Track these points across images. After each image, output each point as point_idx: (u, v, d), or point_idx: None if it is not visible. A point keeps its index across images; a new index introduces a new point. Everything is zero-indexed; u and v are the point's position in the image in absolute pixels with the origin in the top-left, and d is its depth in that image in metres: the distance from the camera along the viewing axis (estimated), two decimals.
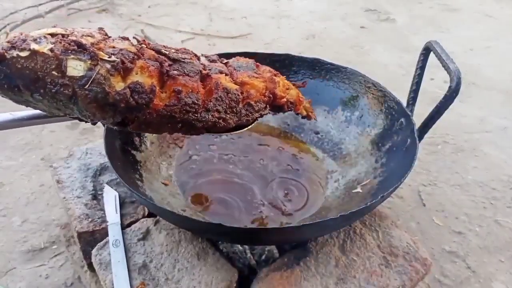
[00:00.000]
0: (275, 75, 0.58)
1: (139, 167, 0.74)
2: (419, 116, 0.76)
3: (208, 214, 0.71)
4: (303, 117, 0.65)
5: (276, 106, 0.58)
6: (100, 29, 0.47)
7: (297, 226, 0.59)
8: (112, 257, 0.64)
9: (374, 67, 1.60)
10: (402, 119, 0.80)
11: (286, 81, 0.60)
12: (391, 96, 0.83)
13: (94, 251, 0.66)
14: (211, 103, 0.48)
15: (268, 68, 0.59)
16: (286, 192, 0.78)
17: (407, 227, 0.96)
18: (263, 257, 0.77)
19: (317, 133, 0.90)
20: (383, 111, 0.84)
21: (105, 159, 0.80)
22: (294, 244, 0.72)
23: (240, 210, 0.72)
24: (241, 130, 0.53)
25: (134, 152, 0.75)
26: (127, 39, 0.47)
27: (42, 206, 0.96)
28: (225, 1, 2.18)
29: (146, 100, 0.43)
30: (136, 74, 0.43)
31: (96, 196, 0.74)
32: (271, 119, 0.93)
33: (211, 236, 0.67)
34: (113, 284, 0.61)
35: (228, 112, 0.50)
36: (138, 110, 0.43)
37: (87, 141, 1.11)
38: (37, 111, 0.43)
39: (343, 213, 0.58)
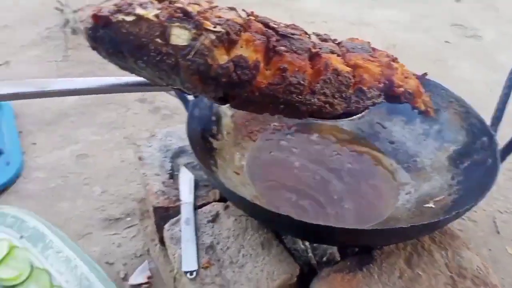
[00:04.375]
0: (393, 61, 0.52)
1: (214, 154, 0.78)
2: (502, 138, 0.73)
3: (275, 206, 0.72)
4: (419, 113, 0.59)
5: (391, 95, 0.52)
6: None
7: (365, 229, 0.59)
8: (183, 234, 0.67)
9: (458, 83, 1.53)
10: (485, 138, 0.76)
11: (405, 68, 0.55)
12: (474, 113, 0.80)
13: (166, 226, 0.71)
14: (318, 85, 0.44)
15: (385, 52, 0.54)
16: (355, 197, 0.78)
17: (478, 252, 0.91)
18: (324, 258, 0.77)
19: (392, 142, 0.89)
20: (464, 128, 0.81)
21: (184, 143, 0.84)
22: (358, 250, 0.72)
23: (307, 207, 0.73)
24: (349, 118, 0.49)
25: (211, 139, 0.79)
26: (234, 9, 0.45)
27: (121, 181, 1.04)
28: (307, 4, 2.20)
29: (249, 76, 0.41)
30: (241, 47, 0.41)
31: (173, 176, 0.78)
32: (345, 123, 0.93)
33: (278, 228, 0.69)
34: (181, 259, 0.65)
35: (336, 96, 0.45)
36: (240, 86, 0.41)
37: (166, 125, 1.18)
38: (142, 78, 0.43)
39: (414, 223, 0.57)
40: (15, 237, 0.84)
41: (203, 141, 0.77)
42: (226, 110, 0.85)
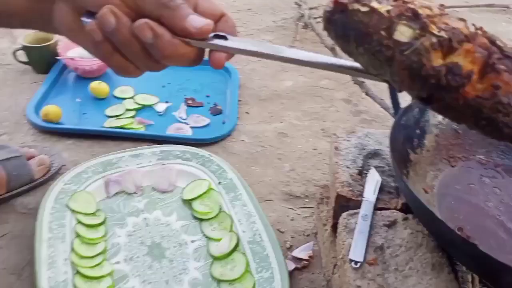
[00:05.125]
0: None
1: (409, 165, 0.79)
2: None
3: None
4: None
5: None
6: (441, 5, 0.47)
7: None
8: (358, 226, 0.71)
9: None
10: None
11: None
12: None
13: (344, 215, 0.75)
14: None
15: None
16: None
17: None
18: None
19: None
20: None
21: (380, 147, 0.87)
22: None
23: (498, 250, 0.69)
24: None
25: (410, 151, 0.80)
26: (464, 21, 0.46)
27: (309, 165, 1.13)
28: None
29: (458, 83, 0.42)
30: (459, 55, 0.42)
31: (361, 173, 0.82)
32: None
33: (460, 258, 0.66)
34: (349, 248, 0.69)
35: None
36: (447, 91, 0.42)
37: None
38: (356, 64, 0.47)
39: None
40: (215, 182, 1.00)
41: (401, 150, 0.78)
42: (432, 127, 0.84)
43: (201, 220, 0.93)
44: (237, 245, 0.86)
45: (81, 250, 0.84)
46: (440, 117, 0.87)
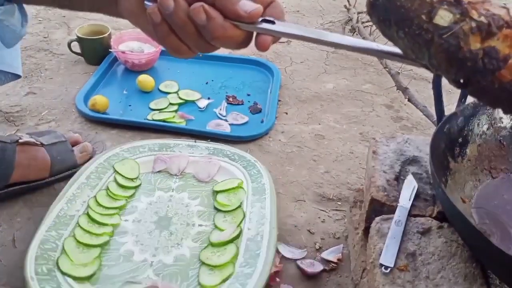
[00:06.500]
0: None
1: (448, 173, 0.77)
2: None
3: None
4: None
5: None
6: None
7: None
8: (391, 232, 0.70)
9: None
10: None
11: None
12: None
13: (377, 219, 0.75)
14: None
15: None
16: None
17: None
18: None
19: None
20: None
21: (419, 153, 0.86)
22: None
23: None
24: None
25: (450, 159, 0.78)
26: (507, 8, 0.46)
27: (344, 168, 1.12)
28: None
29: (494, 66, 0.42)
30: (497, 40, 0.43)
31: (398, 179, 0.81)
32: None
33: (494, 267, 0.64)
34: (380, 253, 0.68)
35: None
36: (482, 74, 0.43)
37: None
38: (395, 49, 0.48)
39: None
40: (246, 181, 1.01)
41: (442, 158, 0.76)
42: (475, 137, 0.82)
43: (218, 210, 0.94)
44: (236, 238, 0.86)
45: (101, 199, 0.93)
46: (484, 127, 0.85)
